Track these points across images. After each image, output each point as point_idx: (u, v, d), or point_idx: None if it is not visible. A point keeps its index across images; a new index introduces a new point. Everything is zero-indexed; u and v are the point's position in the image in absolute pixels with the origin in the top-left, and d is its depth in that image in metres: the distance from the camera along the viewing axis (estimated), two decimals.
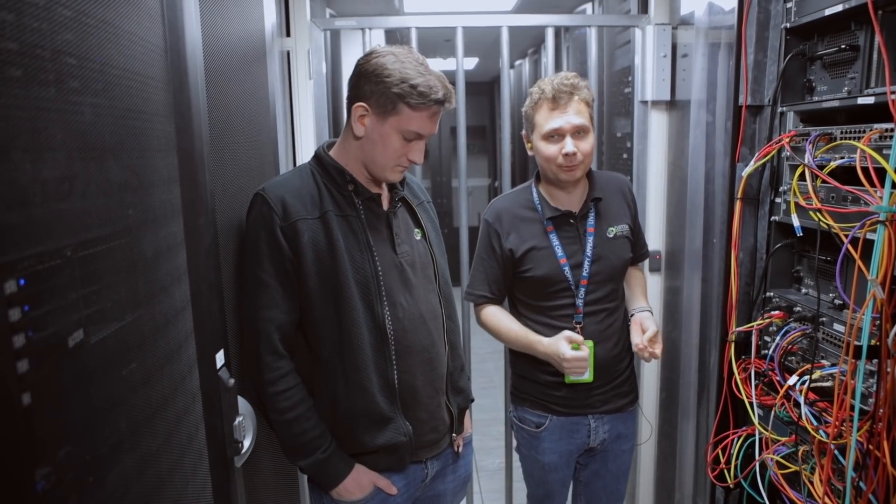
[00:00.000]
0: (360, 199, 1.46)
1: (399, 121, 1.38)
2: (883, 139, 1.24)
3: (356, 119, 1.41)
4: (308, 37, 2.24)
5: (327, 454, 1.43)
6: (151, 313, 0.90)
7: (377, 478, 1.48)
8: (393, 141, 1.40)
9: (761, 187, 1.68)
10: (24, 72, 0.63)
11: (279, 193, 1.39)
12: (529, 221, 1.82)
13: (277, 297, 1.39)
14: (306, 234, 1.38)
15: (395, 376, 1.46)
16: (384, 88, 1.35)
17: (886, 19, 1.28)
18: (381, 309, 1.44)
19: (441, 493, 1.65)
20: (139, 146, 0.88)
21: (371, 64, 1.38)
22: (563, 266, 1.77)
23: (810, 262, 1.58)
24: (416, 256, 1.53)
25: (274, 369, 1.40)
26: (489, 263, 1.85)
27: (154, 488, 0.88)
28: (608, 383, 1.84)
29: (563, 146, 1.71)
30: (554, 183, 1.81)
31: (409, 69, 1.36)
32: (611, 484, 1.97)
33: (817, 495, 1.35)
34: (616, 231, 1.83)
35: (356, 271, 1.41)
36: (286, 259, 1.39)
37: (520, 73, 5.19)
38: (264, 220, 1.38)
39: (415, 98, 1.35)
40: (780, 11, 1.61)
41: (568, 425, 1.85)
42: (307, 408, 1.43)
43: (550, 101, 1.72)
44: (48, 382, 0.65)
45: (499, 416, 2.91)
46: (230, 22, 1.46)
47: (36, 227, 0.64)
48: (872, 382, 1.22)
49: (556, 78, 1.74)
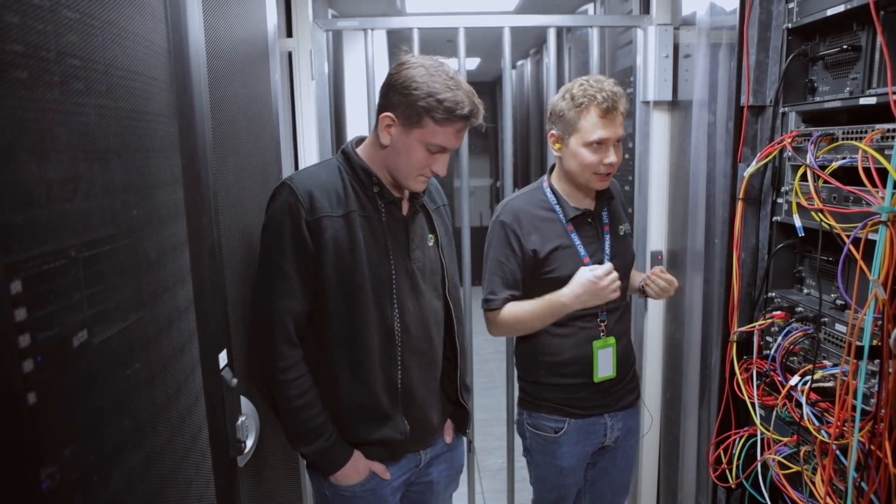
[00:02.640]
0: (383, 202, 1.48)
1: (424, 134, 1.39)
2: (885, 139, 1.24)
3: (383, 128, 1.43)
4: (310, 37, 2.24)
5: (330, 442, 1.47)
6: (155, 313, 0.90)
7: (373, 463, 1.53)
8: (417, 152, 1.41)
9: (763, 187, 1.68)
10: (29, 73, 0.63)
11: (307, 187, 1.41)
12: (549, 221, 1.81)
13: (296, 287, 1.42)
14: (329, 230, 1.40)
15: (398, 376, 1.50)
16: (411, 101, 1.36)
17: (888, 19, 1.28)
18: (392, 311, 1.47)
19: (435, 479, 1.68)
20: (143, 147, 0.89)
21: (401, 75, 1.39)
22: (586, 265, 1.77)
23: (812, 263, 1.58)
24: (426, 263, 1.56)
25: (287, 357, 1.42)
26: (509, 267, 1.79)
27: (157, 488, 0.89)
28: (622, 380, 1.89)
29: (606, 156, 1.71)
30: (575, 184, 1.81)
31: (437, 83, 1.36)
32: (617, 480, 1.99)
33: (819, 496, 1.35)
34: (624, 229, 1.88)
35: (373, 273, 1.44)
36: (308, 252, 1.41)
37: (521, 73, 5.19)
38: (290, 211, 1.40)
39: (440, 113, 1.36)
40: (782, 12, 1.61)
41: (586, 427, 1.87)
42: (314, 396, 1.46)
43: (602, 111, 1.68)
44: (53, 382, 0.66)
45: (500, 416, 2.91)
46: (233, 23, 1.46)
47: (41, 227, 0.65)
48: (874, 383, 1.22)
49: (604, 85, 1.70)
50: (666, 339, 2.46)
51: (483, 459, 3.52)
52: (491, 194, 7.59)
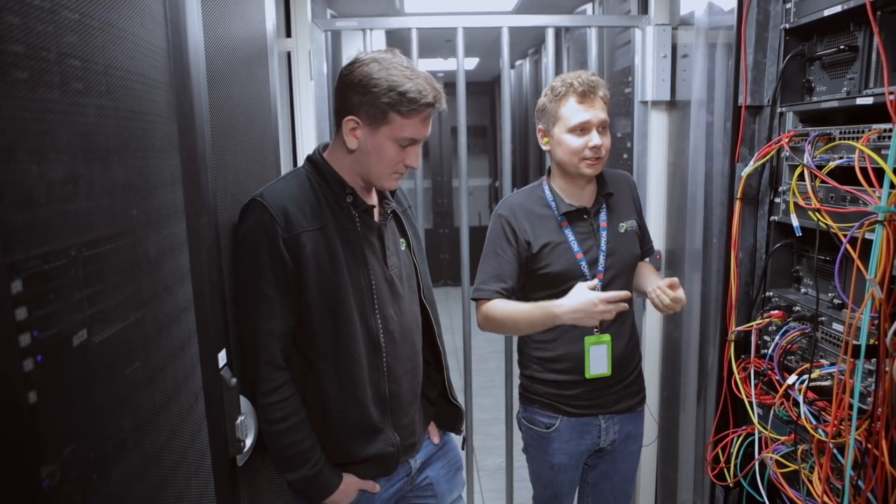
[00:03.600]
0: (356, 212, 1.44)
1: (391, 130, 1.36)
2: (881, 139, 1.25)
3: (348, 132, 1.38)
4: (309, 37, 2.25)
5: (316, 469, 1.41)
6: (155, 313, 0.91)
7: (361, 483, 1.49)
8: (388, 150, 1.38)
9: (761, 187, 1.69)
10: (29, 74, 0.63)
11: (280, 203, 1.35)
12: (544, 217, 1.82)
13: (277, 307, 1.37)
14: (309, 245, 1.36)
15: (386, 387, 1.46)
16: (373, 99, 1.32)
17: (885, 20, 1.29)
18: (375, 322, 1.44)
19: (434, 481, 1.64)
20: (142, 147, 0.89)
21: (355, 74, 1.35)
22: (579, 261, 1.78)
23: (809, 262, 1.59)
24: (402, 268, 1.53)
25: (271, 380, 1.37)
26: (505, 258, 1.80)
27: (157, 486, 0.89)
28: (619, 382, 1.86)
29: (589, 139, 1.72)
30: (569, 178, 1.82)
31: (395, 76, 1.33)
32: (619, 485, 1.97)
33: (816, 494, 1.35)
34: (626, 226, 1.86)
35: (353, 285, 1.41)
36: (288, 271, 1.35)
37: (520, 73, 5.19)
38: (265, 230, 1.34)
39: (405, 105, 1.32)
40: (780, 12, 1.62)
41: (579, 426, 1.86)
42: (299, 420, 1.40)
43: (579, 95, 1.73)
44: (53, 381, 0.66)
45: (499, 416, 2.91)
46: (232, 23, 1.46)
47: (41, 227, 0.65)
48: (871, 382, 1.23)
49: (580, 74, 1.75)
50: (664, 339, 2.47)
51: (482, 459, 3.52)
52: (490, 194, 7.59)
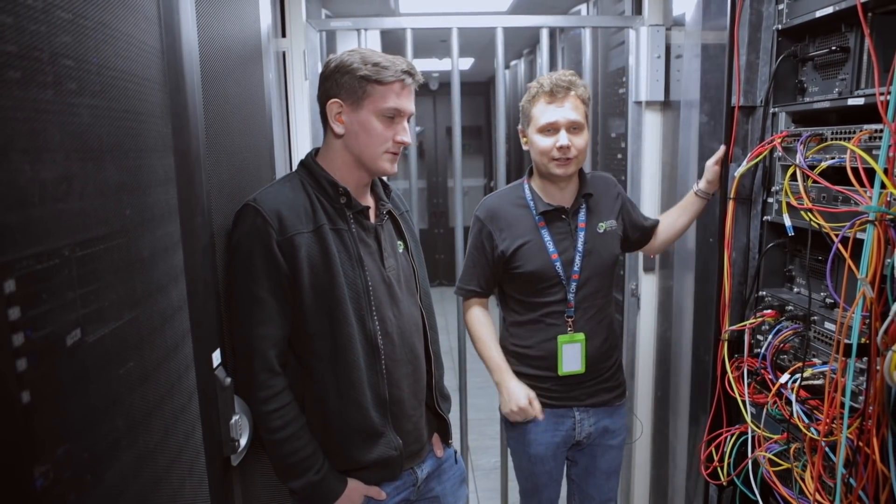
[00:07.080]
0: (351, 213, 1.44)
1: (374, 101, 1.39)
2: (872, 140, 1.25)
3: (333, 118, 1.41)
4: (304, 37, 2.25)
5: (321, 475, 1.40)
6: (148, 312, 0.91)
7: (366, 489, 1.47)
8: (374, 125, 1.40)
9: (753, 187, 1.70)
10: (22, 74, 0.63)
11: (273, 206, 1.35)
12: (521, 217, 1.85)
13: (272, 312, 1.36)
14: (303, 248, 1.35)
15: (385, 390, 1.45)
16: (351, 76, 1.37)
17: (876, 21, 1.29)
18: (373, 324, 1.43)
19: (440, 493, 1.64)
20: (136, 147, 0.89)
21: (331, 65, 1.42)
22: (554, 261, 1.81)
23: (802, 262, 1.59)
24: (400, 270, 1.53)
25: (268, 387, 1.36)
26: (480, 261, 1.88)
27: (151, 486, 0.89)
28: (593, 378, 1.89)
29: (557, 139, 1.75)
30: (547, 178, 1.83)
31: (367, 54, 1.40)
32: (602, 482, 1.99)
33: (808, 492, 1.36)
34: (605, 227, 1.88)
35: (349, 286, 1.40)
36: (282, 274, 1.35)
37: (515, 73, 5.20)
38: (258, 234, 1.34)
39: (381, 73, 1.37)
40: (772, 13, 1.62)
41: (553, 417, 1.89)
42: (299, 426, 1.39)
43: (548, 95, 1.75)
44: (47, 381, 0.66)
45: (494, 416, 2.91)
46: (226, 23, 1.46)
47: (34, 227, 0.65)
48: (862, 380, 1.24)
49: (555, 74, 1.78)
50: (658, 338, 2.48)
51: (477, 459, 3.52)
52: (484, 194, 7.58)
